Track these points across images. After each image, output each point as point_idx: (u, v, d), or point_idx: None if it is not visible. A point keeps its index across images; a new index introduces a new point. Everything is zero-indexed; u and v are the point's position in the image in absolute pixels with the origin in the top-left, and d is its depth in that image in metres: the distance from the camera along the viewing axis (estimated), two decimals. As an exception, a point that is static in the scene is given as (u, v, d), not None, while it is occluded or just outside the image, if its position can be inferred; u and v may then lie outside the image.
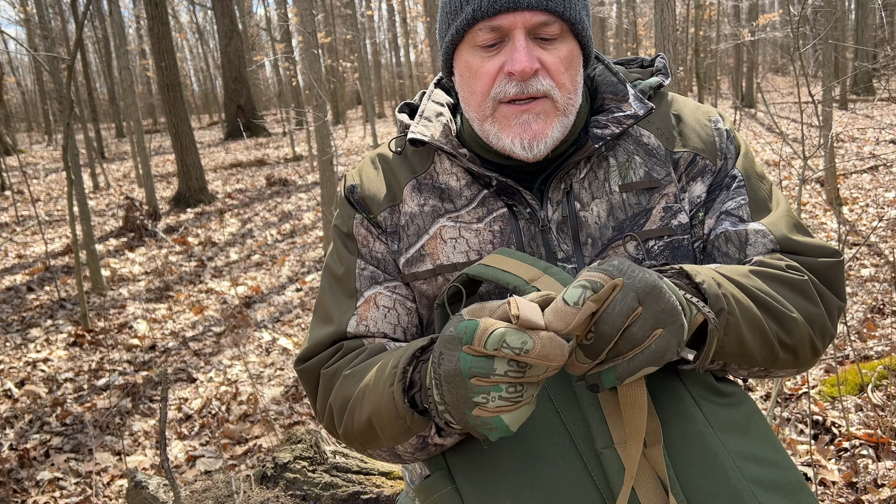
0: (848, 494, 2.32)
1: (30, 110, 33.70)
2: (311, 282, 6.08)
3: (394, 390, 0.87)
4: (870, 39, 16.42)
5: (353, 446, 1.03)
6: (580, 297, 0.72)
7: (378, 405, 0.90)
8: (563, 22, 0.98)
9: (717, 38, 15.61)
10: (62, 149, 5.06)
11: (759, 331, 0.89)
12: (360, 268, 1.11)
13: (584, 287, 0.73)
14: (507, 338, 0.71)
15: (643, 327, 0.74)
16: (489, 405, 0.74)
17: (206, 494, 1.92)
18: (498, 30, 0.97)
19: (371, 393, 0.92)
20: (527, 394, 0.75)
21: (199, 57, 37.65)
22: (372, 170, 1.16)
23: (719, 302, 0.85)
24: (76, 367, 4.45)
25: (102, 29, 19.97)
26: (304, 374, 1.08)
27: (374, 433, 0.94)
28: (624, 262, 0.77)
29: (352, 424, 0.98)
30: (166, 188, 11.91)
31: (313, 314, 1.14)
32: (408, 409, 0.86)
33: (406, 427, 0.88)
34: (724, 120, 1.13)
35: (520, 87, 0.98)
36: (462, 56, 1.02)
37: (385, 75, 33.09)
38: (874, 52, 9.85)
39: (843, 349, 3.40)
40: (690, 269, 0.89)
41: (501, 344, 0.71)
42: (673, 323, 0.75)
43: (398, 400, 0.86)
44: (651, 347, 0.75)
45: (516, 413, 0.76)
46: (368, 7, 28.84)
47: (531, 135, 0.99)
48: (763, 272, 0.96)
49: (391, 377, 0.88)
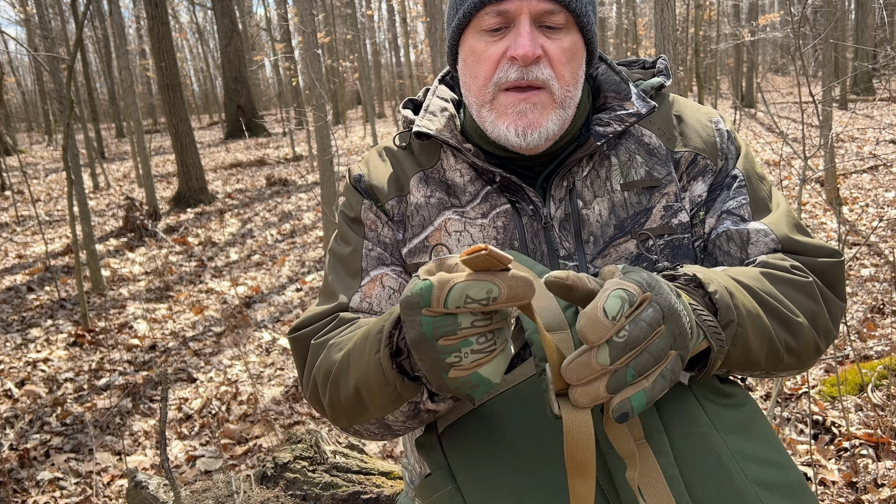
0: (848, 494, 2.32)
1: (30, 110, 33.71)
2: (311, 282, 6.08)
3: (381, 356, 0.82)
4: (870, 39, 16.41)
5: (340, 422, 0.99)
6: (619, 311, 0.68)
7: (365, 374, 0.86)
8: (570, 13, 0.99)
9: (717, 38, 15.61)
10: (62, 149, 5.06)
11: (766, 340, 0.89)
12: (368, 248, 1.11)
13: (623, 300, 0.69)
14: (468, 292, 0.66)
15: (662, 347, 0.71)
16: (463, 363, 0.70)
17: (206, 494, 1.92)
18: (504, 14, 0.98)
19: (356, 361, 0.88)
20: (499, 340, 0.71)
21: (199, 57, 37.67)
22: (379, 161, 1.17)
23: (730, 313, 0.84)
24: (76, 367, 4.45)
25: (102, 29, 19.98)
26: (295, 342, 1.06)
27: (363, 404, 0.90)
28: (652, 276, 0.74)
29: (337, 396, 0.94)
30: (166, 188, 11.92)
31: (319, 294, 1.13)
32: (397, 376, 0.82)
33: (396, 395, 0.84)
34: (724, 121, 1.13)
35: (521, 73, 0.98)
36: (467, 41, 1.04)
37: (385, 75, 33.10)
38: (874, 51, 9.85)
39: (843, 349, 3.40)
40: (704, 276, 0.86)
41: (464, 300, 0.66)
42: (684, 348, 0.73)
43: (386, 367, 0.81)
44: (668, 367, 0.72)
45: (493, 363, 0.71)
46: (368, 7, 28.86)
47: (526, 123, 1.00)
48: (772, 275, 0.96)
49: (376, 343, 0.84)
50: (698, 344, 0.80)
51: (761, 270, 0.97)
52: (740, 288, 0.89)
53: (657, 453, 0.85)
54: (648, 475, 0.84)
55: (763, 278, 0.95)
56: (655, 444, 0.85)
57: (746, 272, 0.95)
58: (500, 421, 0.91)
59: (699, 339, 0.80)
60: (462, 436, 0.93)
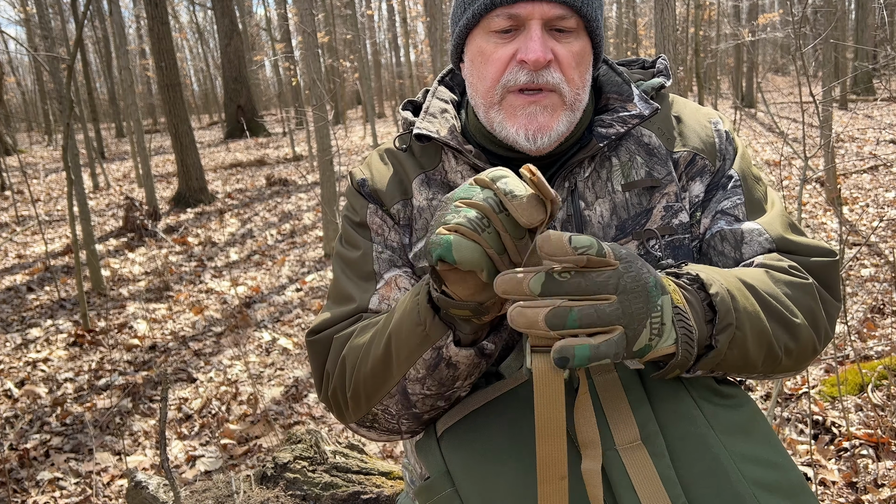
0: (848, 494, 2.32)
1: (30, 110, 33.71)
2: (311, 282, 6.08)
3: (419, 298, 0.87)
4: (870, 39, 16.40)
5: (360, 409, 0.99)
6: (584, 247, 0.72)
7: (401, 320, 0.90)
8: (580, 17, 0.99)
9: (717, 38, 15.61)
10: (62, 149, 5.06)
11: (765, 343, 0.89)
12: (378, 251, 1.10)
13: (593, 244, 0.72)
14: (506, 178, 0.76)
15: (609, 314, 0.73)
16: (451, 222, 0.76)
17: (206, 494, 1.92)
18: (515, 18, 0.98)
19: (395, 315, 0.92)
20: (489, 237, 0.76)
21: (199, 57, 37.65)
22: (381, 164, 1.16)
23: (728, 316, 0.84)
24: (76, 367, 4.45)
25: (102, 29, 19.97)
26: (315, 344, 1.05)
27: (388, 361, 0.92)
28: (635, 256, 0.77)
29: (366, 365, 0.95)
30: (166, 188, 11.91)
31: (328, 299, 1.12)
32: (429, 309, 0.86)
33: (424, 335, 0.86)
34: (723, 122, 1.13)
35: (530, 77, 0.98)
36: (475, 41, 1.03)
37: (385, 75, 33.08)
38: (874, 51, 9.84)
39: (843, 349, 3.40)
40: (706, 277, 0.86)
41: (500, 180, 0.76)
42: (632, 330, 0.74)
43: (422, 302, 0.86)
44: (614, 339, 0.73)
45: (466, 242, 0.75)
46: (368, 7, 28.84)
47: (536, 126, 1.00)
48: (773, 276, 0.96)
49: (415, 290, 0.90)
50: (666, 346, 0.80)
51: (765, 272, 0.96)
52: (744, 289, 0.89)
53: (653, 455, 0.85)
54: (644, 477, 0.84)
55: (766, 279, 0.95)
56: (652, 445, 0.85)
57: (750, 272, 0.95)
58: (498, 424, 0.91)
59: (668, 341, 0.79)
60: (460, 439, 0.93)
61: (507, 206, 0.75)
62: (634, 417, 0.87)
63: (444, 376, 0.90)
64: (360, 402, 0.99)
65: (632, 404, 0.88)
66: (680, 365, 0.82)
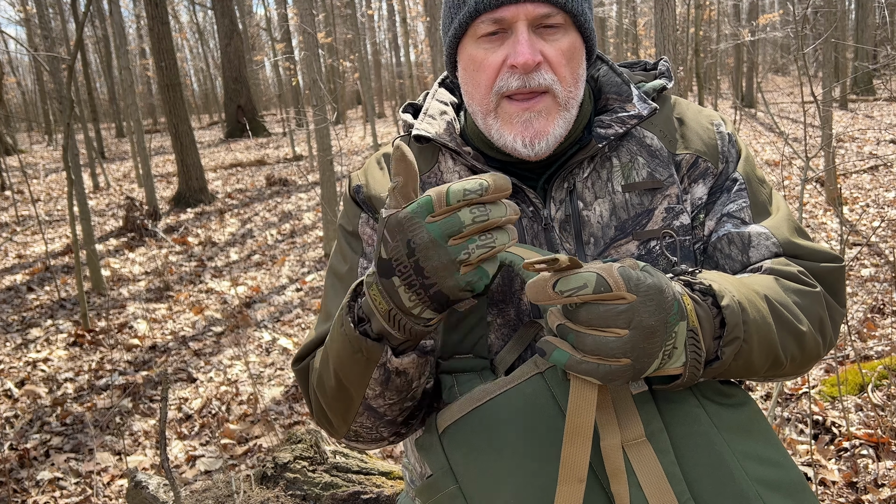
0: (848, 494, 2.32)
1: (30, 110, 33.71)
2: (311, 282, 6.08)
3: (345, 329, 0.88)
4: (870, 39, 16.41)
5: (338, 423, 1.01)
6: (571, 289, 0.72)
7: (339, 352, 0.91)
8: (566, 14, 0.99)
9: (717, 38, 15.60)
10: (62, 149, 5.06)
11: (772, 353, 0.89)
12: (363, 266, 1.10)
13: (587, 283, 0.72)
14: (465, 186, 0.76)
15: (616, 348, 0.73)
16: (472, 257, 0.77)
17: (206, 494, 1.92)
18: (500, 21, 0.98)
19: (331, 347, 0.93)
20: (498, 240, 0.78)
21: (199, 57, 37.66)
22: (377, 170, 1.16)
23: (737, 330, 0.83)
24: (76, 367, 4.45)
25: (102, 29, 19.97)
26: (300, 372, 1.08)
27: (343, 388, 0.94)
28: (661, 287, 0.75)
29: (327, 396, 0.97)
30: (166, 188, 11.92)
31: (318, 314, 1.14)
32: (360, 337, 0.87)
33: (365, 360, 0.88)
34: (726, 124, 1.13)
35: (522, 81, 0.98)
36: (466, 49, 1.03)
37: (385, 75, 33.09)
38: (874, 51, 9.85)
39: (843, 349, 3.40)
40: (718, 288, 0.85)
41: (464, 194, 0.75)
42: (641, 366, 0.75)
43: (349, 330, 0.87)
44: (610, 367, 0.74)
45: (493, 260, 0.80)
46: (368, 7, 28.85)
47: (532, 133, 1.00)
48: (785, 285, 0.96)
49: (339, 319, 0.90)
50: (674, 367, 0.80)
51: (776, 279, 0.96)
52: (757, 299, 0.89)
53: (658, 451, 0.85)
54: (649, 473, 0.84)
55: (777, 286, 0.95)
56: (657, 442, 0.86)
57: (761, 280, 0.95)
58: (501, 420, 0.91)
59: (676, 363, 0.80)
60: (463, 435, 0.93)
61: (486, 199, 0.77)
62: (639, 415, 0.87)
63: (399, 384, 0.92)
64: (338, 423, 1.02)
65: (636, 401, 0.88)
66: (685, 385, 0.83)
